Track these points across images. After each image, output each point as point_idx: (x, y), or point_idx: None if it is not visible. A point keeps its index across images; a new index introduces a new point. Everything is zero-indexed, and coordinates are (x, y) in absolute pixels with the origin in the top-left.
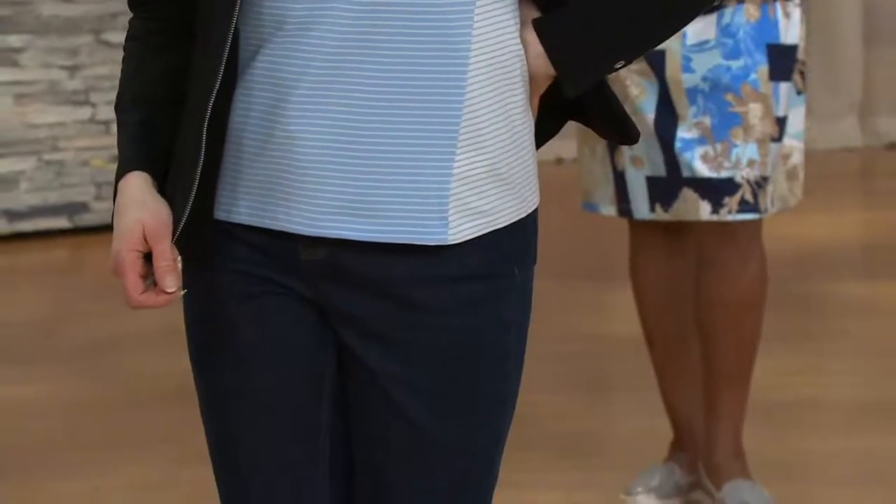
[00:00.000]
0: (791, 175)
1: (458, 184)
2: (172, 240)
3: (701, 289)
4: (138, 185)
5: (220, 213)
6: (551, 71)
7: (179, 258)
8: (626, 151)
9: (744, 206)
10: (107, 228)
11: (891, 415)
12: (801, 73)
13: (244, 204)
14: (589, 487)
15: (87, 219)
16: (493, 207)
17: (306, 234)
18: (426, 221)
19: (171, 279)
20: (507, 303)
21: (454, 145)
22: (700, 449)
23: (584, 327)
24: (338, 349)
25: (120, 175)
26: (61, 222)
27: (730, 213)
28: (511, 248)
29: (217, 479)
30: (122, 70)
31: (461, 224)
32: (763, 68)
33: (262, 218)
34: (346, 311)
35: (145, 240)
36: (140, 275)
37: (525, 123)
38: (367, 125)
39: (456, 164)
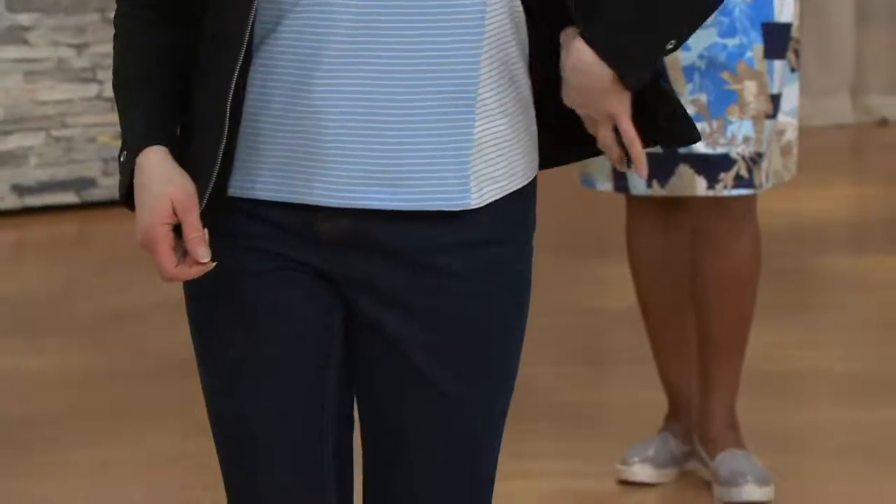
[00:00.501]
0: (785, 151)
1: (477, 149)
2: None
3: (696, 263)
4: (159, 159)
5: (235, 190)
6: (609, 71)
7: (206, 230)
8: None
9: (739, 182)
10: (114, 203)
11: (882, 386)
12: (795, 52)
13: (262, 180)
14: (585, 458)
15: (94, 194)
16: (507, 172)
17: (331, 205)
18: (449, 187)
19: (203, 249)
20: (520, 265)
21: (473, 112)
22: (694, 419)
23: (581, 301)
24: (346, 321)
25: (136, 150)
26: (69, 197)
27: (725, 189)
28: (522, 210)
29: (219, 452)
30: (117, 46)
31: (482, 189)
32: (758, 46)
33: (282, 192)
34: (365, 280)
35: (174, 213)
36: (172, 249)
37: (527, 89)
38: (391, 95)
39: (475, 131)
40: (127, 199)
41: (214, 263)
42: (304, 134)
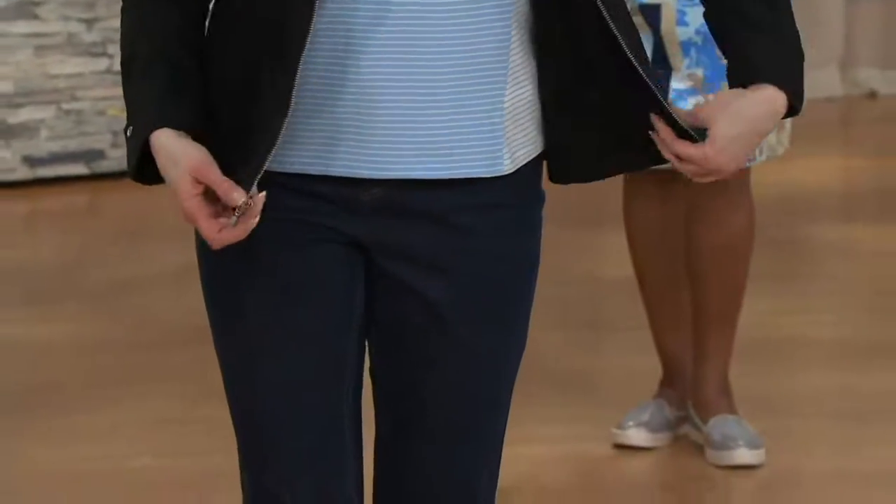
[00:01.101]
0: (779, 126)
1: (508, 117)
2: (249, 189)
3: (691, 235)
4: (166, 142)
5: (275, 165)
6: (786, 106)
7: (251, 186)
8: None
9: None
10: (123, 175)
11: (871, 352)
12: None
13: (305, 154)
14: (582, 422)
15: (104, 165)
16: (531, 138)
17: (375, 177)
18: (486, 155)
19: (237, 194)
20: (537, 226)
21: (505, 82)
22: (688, 386)
23: (579, 269)
24: (368, 289)
25: (146, 130)
26: (80, 168)
27: None
28: (538, 174)
29: (235, 418)
30: (126, 21)
31: (514, 154)
32: None
33: (326, 166)
34: (401, 246)
35: (197, 182)
36: (211, 216)
37: (537, 54)
38: (438, 70)
39: (506, 100)
40: (136, 174)
41: (257, 218)
42: (353, 109)
